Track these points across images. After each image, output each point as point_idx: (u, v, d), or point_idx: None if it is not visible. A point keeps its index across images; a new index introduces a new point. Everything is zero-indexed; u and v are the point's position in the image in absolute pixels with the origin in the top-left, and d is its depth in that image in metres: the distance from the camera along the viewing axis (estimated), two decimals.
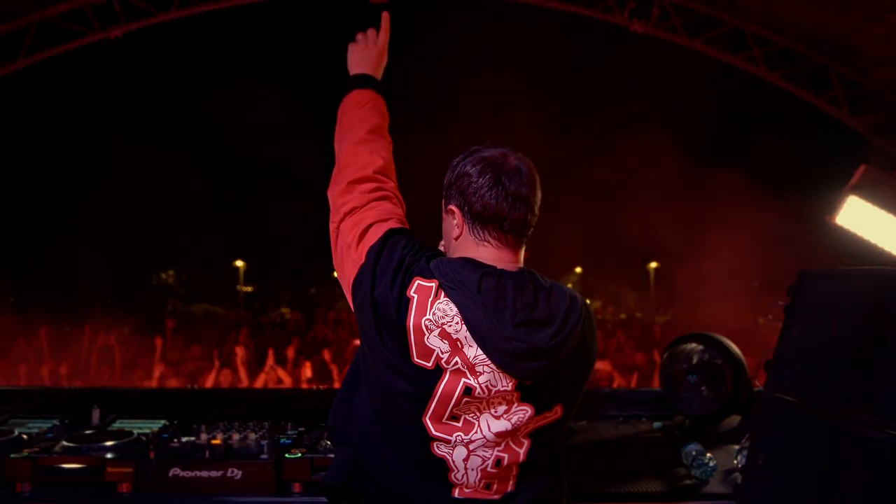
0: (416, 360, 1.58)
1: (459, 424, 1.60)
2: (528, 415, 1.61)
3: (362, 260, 1.66)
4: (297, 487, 2.37)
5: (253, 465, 2.36)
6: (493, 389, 1.58)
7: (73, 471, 2.38)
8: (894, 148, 5.46)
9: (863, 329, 1.75)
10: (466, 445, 1.61)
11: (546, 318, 1.59)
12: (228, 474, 2.35)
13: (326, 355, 9.51)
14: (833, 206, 4.93)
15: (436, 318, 1.57)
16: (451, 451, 1.61)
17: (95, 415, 2.85)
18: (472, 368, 1.57)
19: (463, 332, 1.56)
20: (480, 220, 1.63)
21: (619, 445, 2.96)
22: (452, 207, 1.67)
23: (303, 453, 2.42)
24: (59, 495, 2.35)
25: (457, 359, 1.57)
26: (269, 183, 22.45)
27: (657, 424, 3.24)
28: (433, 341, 1.57)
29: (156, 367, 6.34)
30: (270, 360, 5.74)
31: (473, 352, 1.56)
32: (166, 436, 2.62)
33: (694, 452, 2.64)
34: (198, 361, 9.45)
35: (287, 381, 5.49)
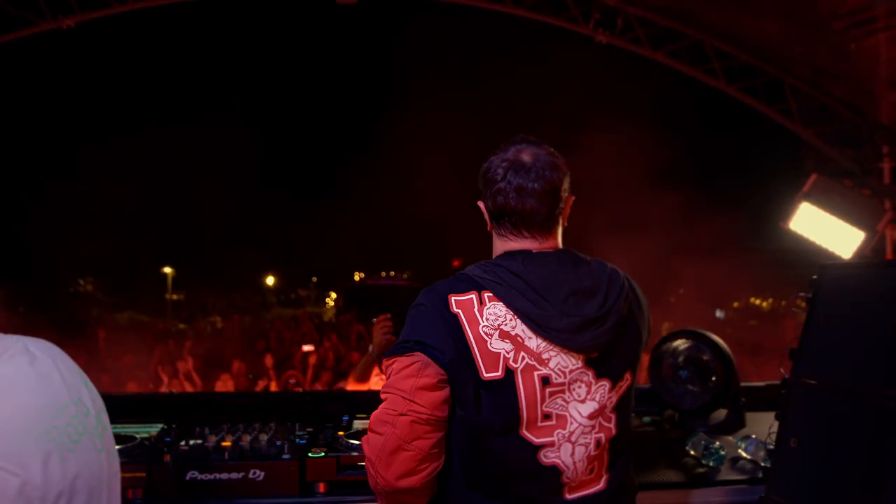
0: (485, 375, 1.58)
1: (554, 422, 1.62)
2: (607, 389, 1.66)
3: (431, 379, 1.61)
4: (321, 487, 2.30)
5: (276, 465, 2.27)
6: (566, 371, 1.61)
7: None
8: (844, 158, 5.86)
9: (892, 315, 1.87)
10: (569, 440, 1.63)
11: (591, 288, 1.65)
12: (250, 476, 2.26)
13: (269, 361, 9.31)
14: (787, 212, 5.26)
15: (490, 322, 1.60)
16: (558, 453, 1.63)
17: None
18: (539, 358, 1.60)
19: (520, 326, 1.60)
20: (496, 215, 1.73)
21: None
22: (479, 204, 1.79)
23: (326, 452, 2.35)
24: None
25: (522, 354, 1.59)
26: (198, 184, 21.76)
27: (646, 419, 3.31)
28: (496, 345, 1.59)
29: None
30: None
31: (535, 341, 1.60)
32: (169, 439, 2.49)
33: (703, 442, 2.72)
34: (133, 371, 9.05)
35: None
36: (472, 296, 1.63)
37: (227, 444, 2.42)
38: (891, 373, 1.81)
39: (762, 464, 2.55)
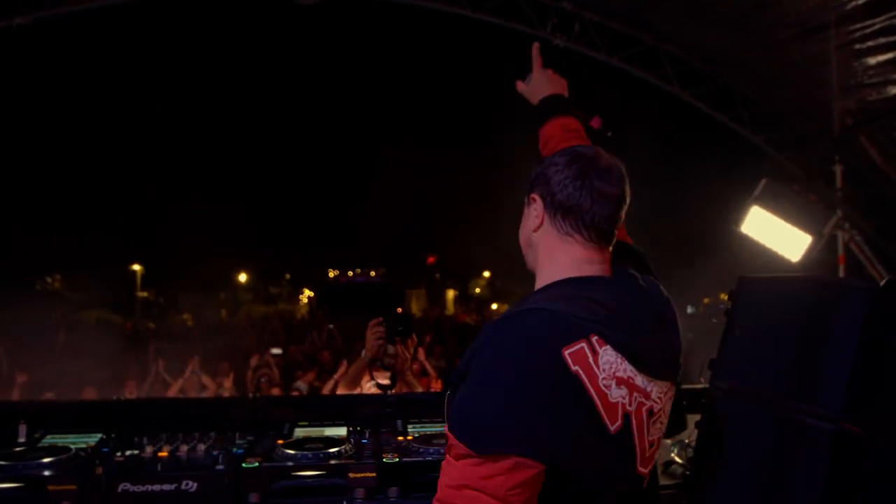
0: (612, 429, 1.47)
1: (655, 448, 1.61)
2: (669, 394, 1.66)
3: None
4: (254, 498, 2.32)
5: (209, 476, 2.29)
6: (663, 397, 1.59)
7: (9, 490, 2.22)
8: (793, 163, 6.01)
9: (803, 329, 1.94)
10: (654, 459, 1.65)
11: (664, 312, 1.62)
12: (183, 487, 2.27)
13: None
14: (738, 216, 5.38)
15: (607, 372, 1.45)
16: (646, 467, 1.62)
17: (22, 430, 2.66)
18: (645, 393, 1.53)
19: (628, 368, 1.49)
20: (562, 209, 1.57)
21: None
22: (535, 195, 1.63)
23: (259, 462, 2.37)
24: None
25: (635, 394, 1.50)
26: (166, 181, 21.50)
27: None
28: (615, 394, 1.46)
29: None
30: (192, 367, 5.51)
31: (640, 379, 1.51)
32: (106, 450, 2.50)
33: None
34: (97, 372, 8.96)
35: (211, 388, 5.29)
36: (583, 344, 1.43)
37: (163, 454, 2.43)
38: (799, 386, 1.89)
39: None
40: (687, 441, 2.87)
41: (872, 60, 4.87)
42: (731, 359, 2.17)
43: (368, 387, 3.50)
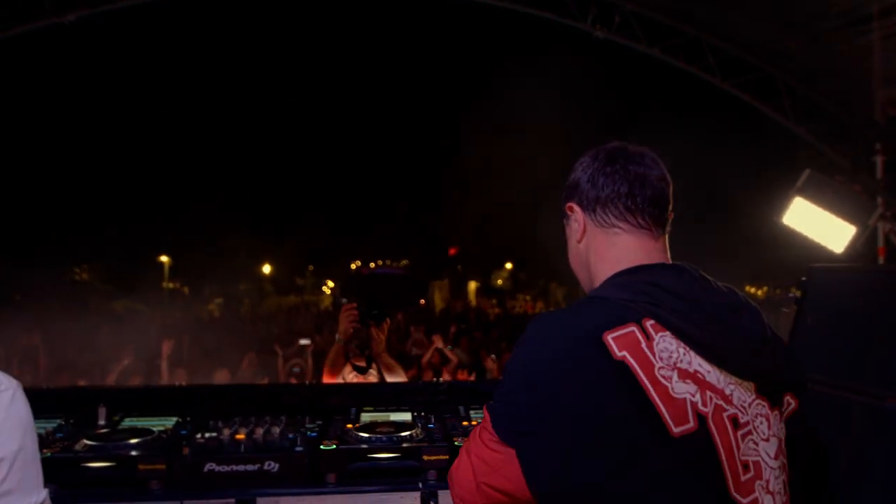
0: (675, 431, 1.20)
1: (752, 473, 1.26)
2: (779, 419, 1.35)
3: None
4: (332, 478, 2.41)
5: (289, 457, 2.38)
6: (747, 405, 1.29)
7: (101, 469, 2.32)
8: (836, 153, 5.98)
9: (879, 317, 1.98)
10: (767, 490, 1.28)
11: (737, 302, 1.38)
12: (265, 467, 2.36)
13: None
14: (780, 207, 5.37)
15: (665, 361, 1.23)
16: None
17: (102, 413, 2.77)
18: (724, 395, 1.26)
19: (695, 360, 1.26)
20: (600, 202, 1.43)
21: None
22: (571, 205, 1.50)
23: (337, 445, 2.45)
24: (85, 495, 2.29)
25: (708, 394, 1.24)
26: (192, 176, 21.80)
27: None
28: (679, 389, 1.22)
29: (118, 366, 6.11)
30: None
31: (714, 375, 1.26)
32: (185, 432, 2.60)
33: None
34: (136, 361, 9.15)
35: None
36: (633, 328, 1.24)
37: (240, 436, 2.52)
38: (875, 372, 1.93)
39: None
40: None
41: None
42: (803, 346, 2.21)
43: (351, 377, 3.62)
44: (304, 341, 11.05)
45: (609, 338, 1.22)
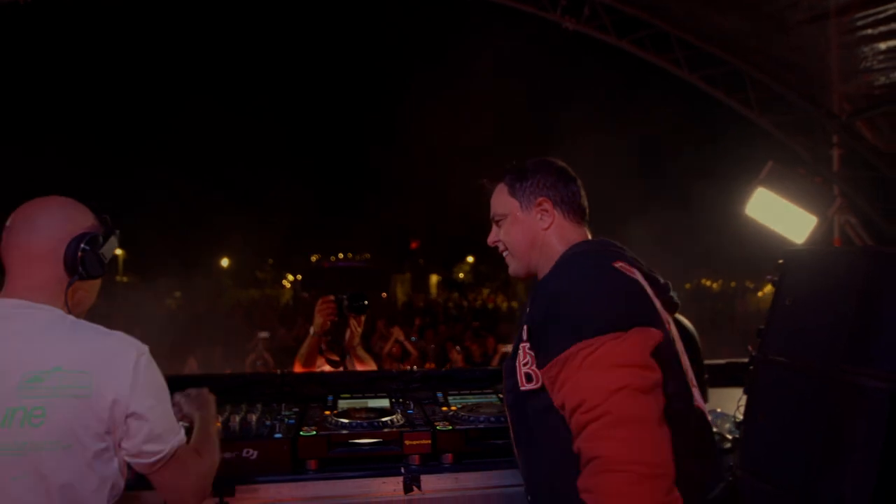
0: (666, 334, 1.68)
1: (689, 372, 1.78)
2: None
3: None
4: (313, 464, 2.37)
5: (269, 444, 2.33)
6: (670, 324, 1.81)
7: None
8: (799, 146, 6.13)
9: (854, 297, 2.02)
10: (693, 384, 1.80)
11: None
12: (244, 455, 2.31)
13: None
14: (743, 198, 5.48)
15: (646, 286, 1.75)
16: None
17: None
18: (666, 317, 1.79)
19: (650, 290, 1.76)
20: (565, 202, 1.94)
21: None
22: (542, 200, 1.93)
23: (317, 431, 2.41)
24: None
25: (663, 314, 1.77)
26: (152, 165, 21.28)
27: None
28: (657, 306, 1.75)
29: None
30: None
31: (657, 302, 1.76)
32: None
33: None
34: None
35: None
36: (622, 263, 1.73)
37: (217, 424, 2.46)
38: (850, 350, 1.97)
39: (728, 435, 2.72)
40: (719, 410, 2.97)
41: (883, 45, 4.98)
42: (780, 327, 2.25)
43: (320, 365, 3.58)
44: (263, 334, 10.88)
45: (617, 265, 1.71)
